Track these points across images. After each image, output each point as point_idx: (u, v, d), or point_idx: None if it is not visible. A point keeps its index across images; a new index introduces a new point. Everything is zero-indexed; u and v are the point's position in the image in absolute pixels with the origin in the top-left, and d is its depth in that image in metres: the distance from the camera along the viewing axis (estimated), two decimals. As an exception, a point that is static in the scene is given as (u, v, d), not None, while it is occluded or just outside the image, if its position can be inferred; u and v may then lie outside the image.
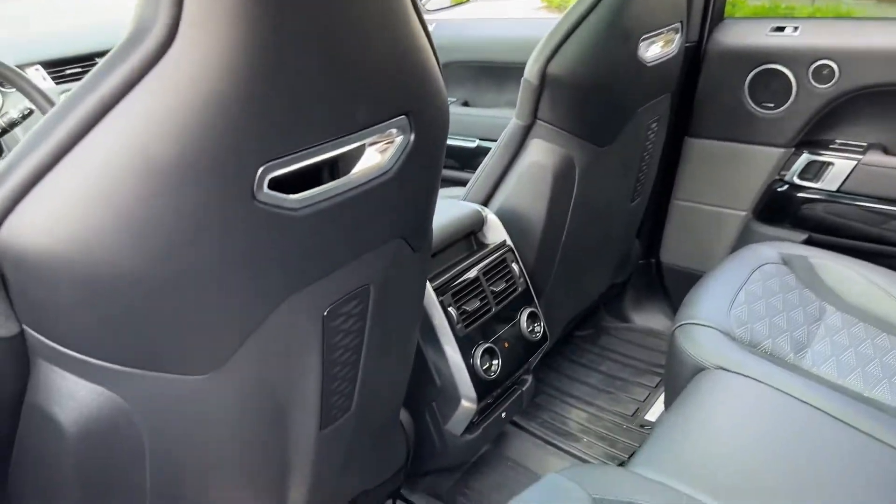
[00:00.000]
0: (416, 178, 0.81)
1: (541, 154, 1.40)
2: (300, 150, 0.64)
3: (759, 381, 1.23)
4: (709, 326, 1.36)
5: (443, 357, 1.25)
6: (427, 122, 0.77)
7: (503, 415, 1.41)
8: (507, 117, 1.47)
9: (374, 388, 0.95)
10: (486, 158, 1.49)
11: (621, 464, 1.58)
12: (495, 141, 1.49)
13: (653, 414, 1.74)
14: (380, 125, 0.72)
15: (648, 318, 2.10)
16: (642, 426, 1.70)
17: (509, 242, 1.41)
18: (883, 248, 1.67)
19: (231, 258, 0.64)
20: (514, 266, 1.40)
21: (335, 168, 0.71)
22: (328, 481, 0.98)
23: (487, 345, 1.29)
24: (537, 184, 1.41)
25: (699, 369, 1.29)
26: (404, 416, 1.25)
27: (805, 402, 1.20)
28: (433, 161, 0.83)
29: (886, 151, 1.64)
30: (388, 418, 1.12)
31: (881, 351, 1.37)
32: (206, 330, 0.68)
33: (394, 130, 0.74)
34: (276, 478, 0.88)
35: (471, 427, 1.33)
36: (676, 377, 1.35)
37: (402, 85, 0.72)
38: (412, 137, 0.76)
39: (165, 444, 0.73)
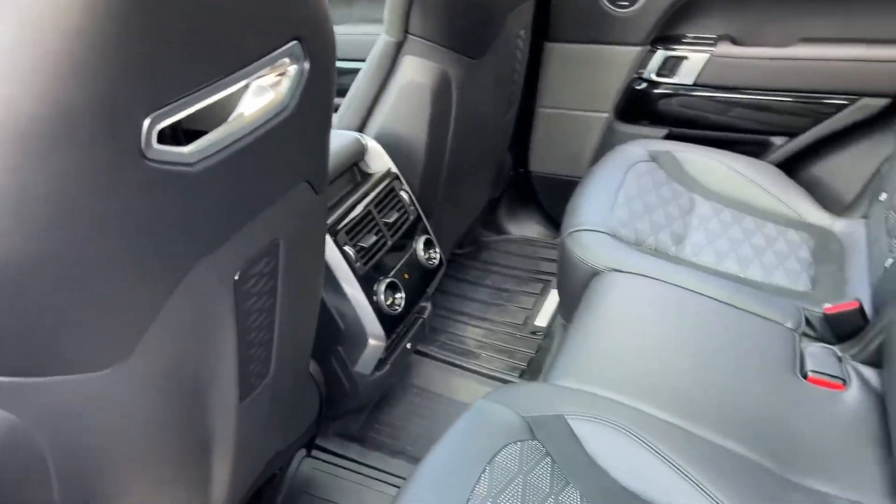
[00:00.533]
0: (315, 112, 0.72)
1: (416, 72, 1.32)
2: (190, 93, 0.53)
3: (651, 278, 1.28)
4: (596, 231, 1.38)
5: (344, 299, 1.19)
6: (319, 48, 0.69)
7: (408, 346, 1.38)
8: (368, 34, 1.38)
9: (288, 348, 0.87)
10: (355, 81, 1.39)
11: (521, 374, 1.61)
12: (359, 61, 1.39)
13: (542, 319, 1.78)
14: (271, 55, 0.62)
15: (524, 228, 2.13)
16: (534, 332, 1.75)
17: (394, 169, 1.34)
18: (737, 135, 1.77)
19: (124, 229, 0.54)
20: (404, 194, 1.34)
21: (228, 113, 0.61)
22: (250, 450, 0.91)
23: (389, 279, 1.24)
24: (415, 104, 1.34)
25: (593, 274, 1.31)
26: (312, 366, 1.18)
27: (693, 291, 1.26)
28: (327, 91, 0.75)
29: (735, 42, 1.71)
30: (301, 374, 1.05)
31: (749, 233, 1.47)
32: (103, 317, 0.57)
33: (286, 60, 0.65)
34: (199, 458, 0.80)
35: (380, 364, 1.29)
36: (572, 284, 1.37)
37: (290, 7, 0.63)
38: (307, 66, 0.67)
39: (72, 456, 0.63)
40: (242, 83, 0.60)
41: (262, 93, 0.65)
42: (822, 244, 1.46)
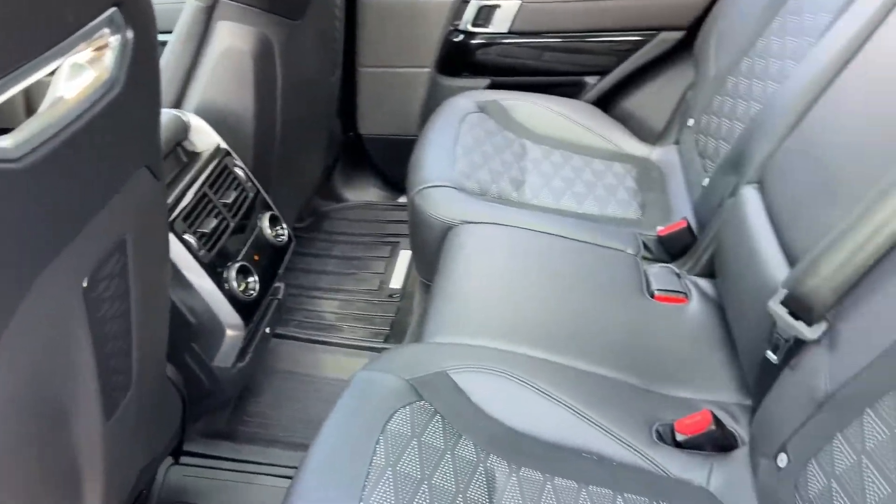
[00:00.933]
0: (144, 88, 0.64)
1: (233, 38, 1.23)
2: (8, 73, 0.45)
3: (502, 225, 1.31)
4: (443, 186, 1.39)
5: (192, 292, 1.10)
6: (139, 13, 0.61)
7: (267, 330, 1.31)
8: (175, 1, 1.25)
9: (147, 353, 0.79)
10: (164, 53, 1.27)
11: (386, 339, 1.60)
12: (166, 33, 1.27)
13: (396, 281, 1.77)
14: (89, 25, 0.54)
15: (362, 193, 2.10)
16: (391, 296, 1.74)
17: (224, 145, 1.25)
18: (554, 78, 1.85)
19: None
20: (238, 170, 1.25)
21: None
22: (120, 472, 0.82)
23: (238, 263, 1.16)
24: (237, 73, 1.25)
25: (448, 228, 1.32)
26: (168, 369, 1.09)
27: (541, 232, 1.31)
28: (154, 62, 0.67)
29: (543, -13, 1.76)
30: (160, 379, 0.96)
31: (579, 171, 1.55)
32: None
33: (106, 30, 0.56)
34: (66, 489, 0.71)
35: (240, 354, 1.21)
36: (426, 241, 1.37)
37: None
38: (130, 35, 0.59)
39: None
40: (60, 61, 0.52)
41: (80, 71, 0.56)
42: (643, 173, 1.58)
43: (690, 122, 1.54)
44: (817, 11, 1.19)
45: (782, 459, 0.81)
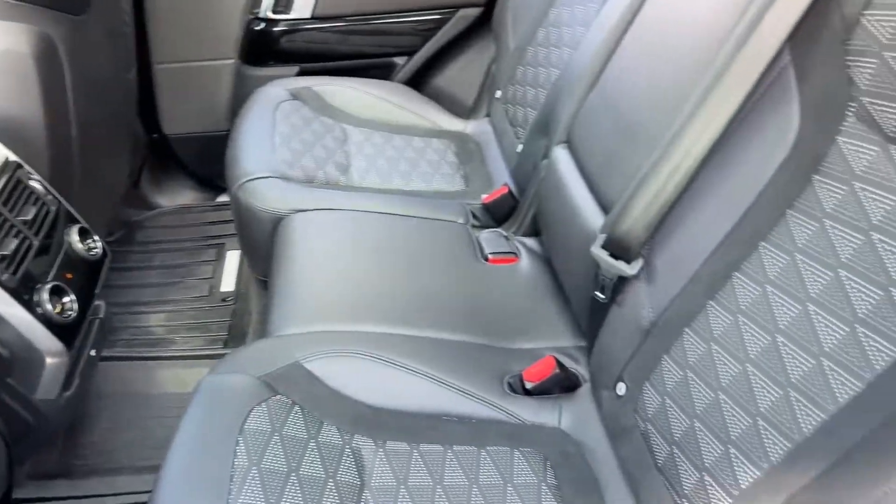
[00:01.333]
0: None
1: (9, 39, 1.10)
2: None
3: (333, 210, 1.30)
4: (267, 177, 1.35)
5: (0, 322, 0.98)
6: None
7: (93, 353, 1.21)
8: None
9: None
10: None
11: (225, 343, 1.54)
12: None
13: (228, 283, 1.70)
14: None
15: (175, 197, 1.98)
16: (224, 300, 1.66)
17: (14, 158, 1.12)
18: (365, 61, 1.85)
19: None
20: (35, 184, 1.13)
21: None
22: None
23: (50, 284, 1.05)
24: (19, 77, 1.12)
25: (278, 220, 1.29)
26: (-19, 411, 0.97)
27: (373, 212, 1.32)
28: None
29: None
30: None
31: (400, 150, 1.57)
32: None
33: None
34: None
35: (66, 382, 1.11)
36: (257, 236, 1.33)
37: None
38: None
39: None
40: None
41: None
42: (462, 146, 1.63)
43: (498, 93, 1.61)
44: (599, -20, 1.30)
45: (621, 388, 0.89)
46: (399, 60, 1.88)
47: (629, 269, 0.88)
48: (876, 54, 0.66)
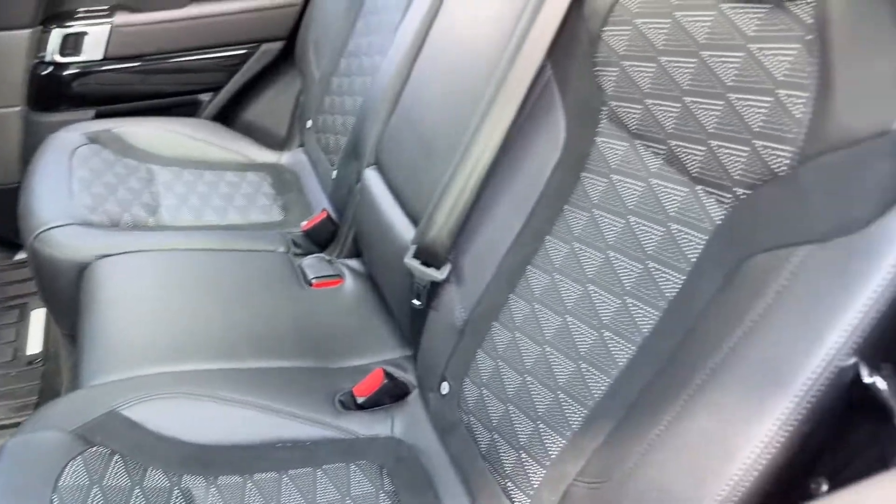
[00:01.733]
0: None
1: None
2: None
3: (141, 252, 1.26)
4: (66, 225, 1.27)
5: None
6: None
7: None
8: None
9: None
10: None
11: (37, 407, 1.41)
12: None
13: (34, 345, 1.57)
14: None
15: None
16: (31, 363, 1.53)
17: None
18: (167, 100, 1.80)
19: None
20: None
21: None
22: None
23: None
24: None
25: (82, 268, 1.22)
26: None
27: (186, 250, 1.29)
28: None
29: (132, 10, 1.69)
30: None
31: (213, 186, 1.55)
32: None
33: None
34: None
35: None
36: (59, 288, 1.25)
37: None
38: None
39: None
40: None
41: None
42: (277, 177, 1.63)
43: (309, 123, 1.64)
44: (388, 10, 1.37)
45: (444, 387, 0.94)
46: (204, 97, 1.85)
47: (439, 275, 0.94)
48: (616, 64, 0.76)
